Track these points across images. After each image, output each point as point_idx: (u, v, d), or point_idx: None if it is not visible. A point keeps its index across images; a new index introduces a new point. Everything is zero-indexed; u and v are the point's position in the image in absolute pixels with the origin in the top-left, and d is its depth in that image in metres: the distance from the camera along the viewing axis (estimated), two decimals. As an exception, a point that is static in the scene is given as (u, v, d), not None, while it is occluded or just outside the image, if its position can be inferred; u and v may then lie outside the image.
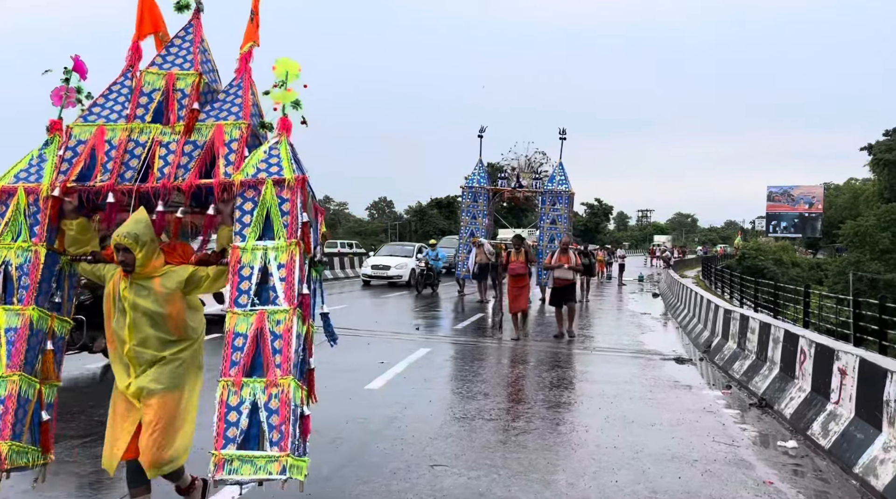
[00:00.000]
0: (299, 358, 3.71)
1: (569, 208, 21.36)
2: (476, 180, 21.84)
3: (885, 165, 63.15)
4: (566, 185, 21.12)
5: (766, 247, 55.95)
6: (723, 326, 11.14)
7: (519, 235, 13.11)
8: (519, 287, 12.54)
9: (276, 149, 3.83)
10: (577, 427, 6.68)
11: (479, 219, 21.39)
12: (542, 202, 21.27)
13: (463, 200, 22.24)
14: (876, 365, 5.60)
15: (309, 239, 3.78)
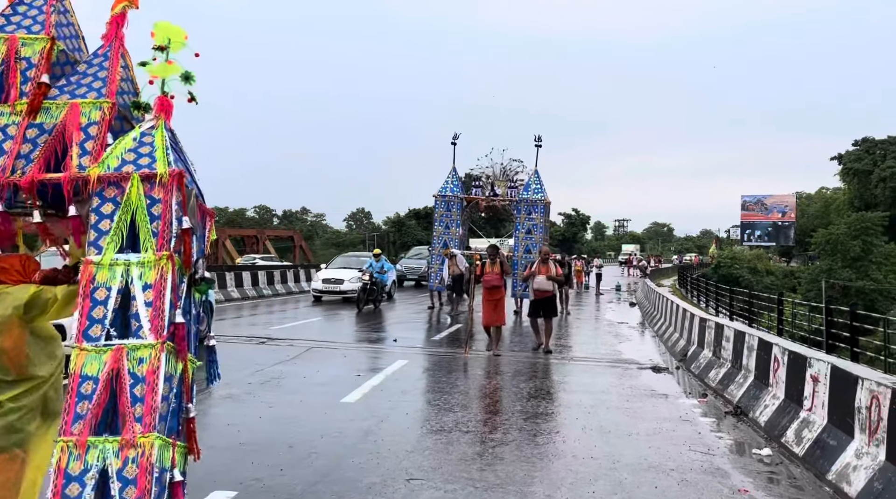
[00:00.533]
0: (170, 407, 2.89)
1: (545, 218, 20.49)
2: (449, 189, 20.99)
3: (855, 175, 64.50)
4: (542, 193, 20.24)
5: (741, 255, 56.69)
6: (698, 335, 11.22)
7: (493, 245, 12.36)
8: (494, 300, 11.86)
9: (150, 136, 3.08)
10: (554, 438, 6.66)
11: (453, 229, 20.61)
12: (517, 211, 20.39)
13: (436, 209, 21.18)
14: (847, 372, 5.66)
15: (190, 251, 3.04)
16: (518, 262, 19.48)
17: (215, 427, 6.54)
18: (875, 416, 5.07)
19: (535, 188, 20.22)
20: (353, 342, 13.04)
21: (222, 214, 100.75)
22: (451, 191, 20.89)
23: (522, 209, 20.18)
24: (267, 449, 5.93)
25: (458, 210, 20.79)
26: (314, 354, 11.39)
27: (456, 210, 20.78)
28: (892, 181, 60.40)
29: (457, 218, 20.78)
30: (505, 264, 12.21)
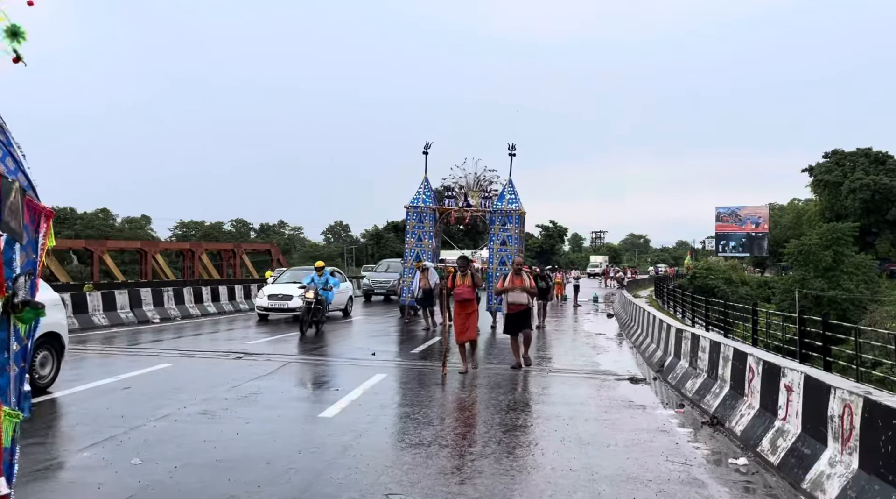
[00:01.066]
0: None
1: (520, 229, 19.98)
2: (421, 200, 20.32)
3: (826, 186, 65.78)
4: (516, 203, 19.72)
5: (717, 266, 57.35)
6: (675, 346, 11.32)
7: (464, 256, 11.73)
8: (466, 314, 11.20)
9: None
10: (533, 450, 6.67)
11: (426, 241, 20.03)
12: (492, 222, 19.87)
13: (408, 220, 20.52)
14: (820, 381, 5.75)
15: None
16: (493, 274, 18.90)
17: (191, 444, 6.46)
18: (847, 424, 5.15)
19: (509, 198, 19.71)
20: (330, 357, 12.96)
21: (199, 227, 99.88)
22: (423, 201, 20.26)
23: (496, 220, 19.66)
24: (244, 466, 5.86)
25: (430, 221, 20.18)
26: (291, 368, 11.30)
27: (428, 221, 20.16)
28: (862, 193, 61.70)
29: (429, 229, 20.22)
30: (476, 277, 11.57)
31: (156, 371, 10.56)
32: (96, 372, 10.40)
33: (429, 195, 20.34)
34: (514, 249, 19.31)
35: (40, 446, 6.22)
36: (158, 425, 7.17)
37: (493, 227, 19.76)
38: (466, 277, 11.32)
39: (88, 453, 6.09)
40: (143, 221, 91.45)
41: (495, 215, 19.66)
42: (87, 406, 7.99)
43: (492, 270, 19.34)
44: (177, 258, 56.70)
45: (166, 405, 8.07)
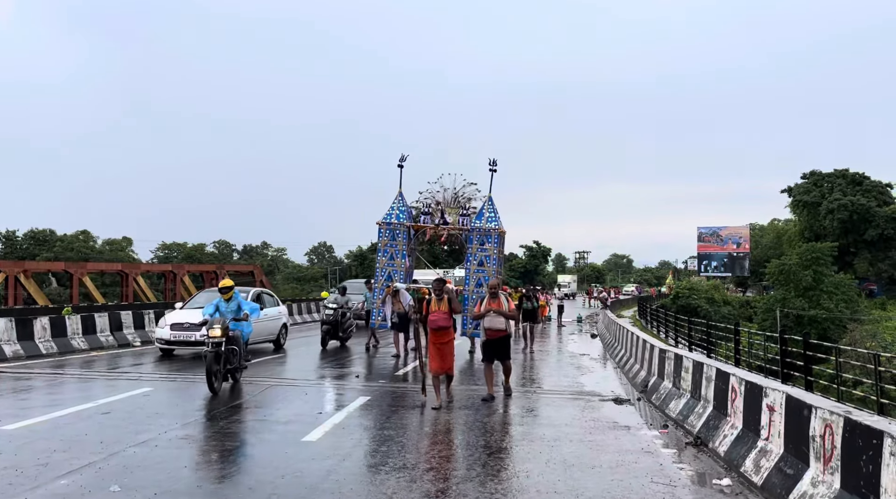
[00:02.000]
0: None
1: (499, 249, 18.39)
2: (394, 216, 18.61)
3: (804, 207, 66.71)
4: (496, 221, 18.20)
5: (699, 286, 57.72)
6: (658, 366, 11.36)
7: (440, 279, 10.46)
8: (442, 343, 10.10)
9: None
10: (518, 472, 6.64)
11: (398, 260, 18.28)
12: (469, 241, 18.14)
13: (379, 237, 18.66)
14: (801, 401, 5.79)
15: None
16: (469, 297, 17.44)
17: (172, 470, 6.36)
18: (829, 444, 5.19)
19: (488, 216, 18.29)
20: (314, 379, 12.86)
21: (181, 249, 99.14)
22: (396, 218, 18.63)
23: (474, 239, 18.09)
24: (226, 491, 5.78)
25: (403, 239, 18.52)
26: (274, 392, 11.19)
27: (402, 239, 18.49)
28: (840, 213, 62.63)
29: (402, 248, 18.48)
30: (454, 302, 10.32)
31: (136, 395, 10.42)
32: (75, 397, 10.25)
33: (403, 211, 18.79)
34: (492, 270, 17.86)
35: (14, 473, 6.09)
36: (138, 450, 7.06)
37: (470, 246, 18.16)
38: (443, 302, 10.13)
39: (66, 480, 5.98)
40: (125, 243, 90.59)
41: (473, 234, 18.15)
42: (65, 432, 7.86)
43: (467, 292, 17.76)
44: (158, 280, 56.17)
45: (146, 430, 7.96)
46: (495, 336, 10.64)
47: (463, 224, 18.55)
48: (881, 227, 61.67)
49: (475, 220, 18.33)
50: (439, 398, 9.95)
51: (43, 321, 16.55)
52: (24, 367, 13.69)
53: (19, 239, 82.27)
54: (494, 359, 10.78)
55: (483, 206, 18.40)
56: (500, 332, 10.61)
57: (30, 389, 11.16)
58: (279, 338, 18.08)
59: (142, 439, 7.50)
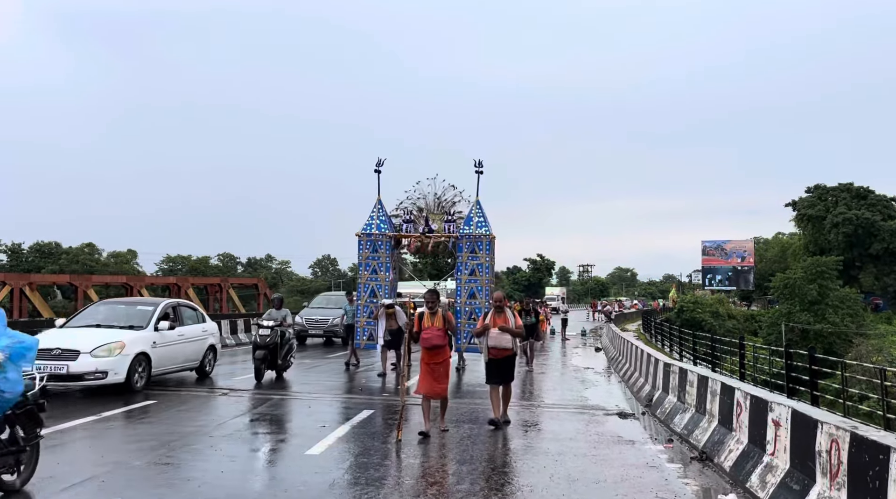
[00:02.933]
0: None
1: (491, 256, 16.98)
2: (375, 226, 17.07)
3: (809, 220, 66.60)
4: (486, 227, 16.78)
5: (703, 300, 57.57)
6: (663, 380, 11.32)
7: (433, 291, 9.41)
8: (435, 364, 8.92)
9: None
10: (521, 487, 6.60)
11: (381, 273, 16.83)
12: (459, 249, 16.73)
13: (360, 250, 17.07)
14: (807, 416, 5.76)
15: None
16: (461, 310, 16.27)
17: (177, 483, 6.35)
18: (835, 459, 5.16)
19: (477, 221, 16.88)
20: (317, 392, 12.83)
21: (185, 262, 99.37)
22: (377, 228, 17.09)
23: (464, 247, 16.64)
24: (228, 505, 5.76)
25: (386, 251, 16.98)
26: (278, 405, 11.18)
27: (384, 251, 16.96)
28: (845, 227, 62.48)
29: (386, 260, 16.93)
30: (450, 318, 9.23)
31: (140, 408, 10.41)
32: (80, 410, 10.24)
33: (384, 220, 17.16)
34: (484, 279, 16.53)
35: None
36: (142, 463, 7.05)
37: (460, 255, 16.73)
38: (436, 317, 9.01)
39: (68, 494, 5.96)
40: (130, 256, 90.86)
41: (462, 241, 16.67)
42: (69, 445, 7.85)
43: (459, 304, 16.51)
44: (163, 293, 56.33)
45: (150, 443, 7.95)
46: (501, 356, 9.54)
47: (449, 231, 17.01)
48: (886, 241, 61.47)
49: (463, 225, 16.86)
50: (428, 423, 8.80)
51: (47, 334, 16.48)
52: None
53: (25, 252, 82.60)
54: (500, 380, 9.71)
55: (471, 211, 16.95)
56: (507, 350, 9.54)
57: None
58: (204, 364, 14.24)
59: (146, 452, 7.48)
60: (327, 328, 23.00)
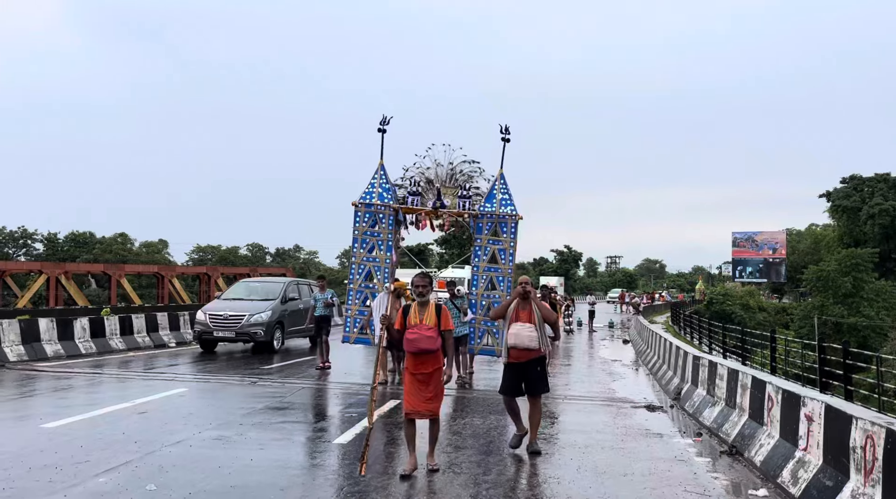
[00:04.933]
0: None
1: (514, 240, 13.88)
2: (376, 195, 13.70)
3: (844, 212, 65.29)
4: (511, 205, 13.72)
5: (734, 292, 56.87)
6: (692, 373, 11.20)
7: (425, 273, 7.22)
8: (425, 374, 6.65)
9: None
10: (548, 479, 6.60)
11: (381, 253, 13.42)
12: (478, 230, 13.66)
13: (356, 223, 13.57)
14: (841, 411, 5.66)
15: None
16: (477, 302, 13.30)
17: (206, 470, 6.45)
18: (870, 456, 5.06)
19: (501, 199, 13.86)
20: (346, 381, 12.93)
21: (215, 251, 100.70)
22: (379, 197, 13.75)
23: (485, 228, 13.63)
24: (258, 492, 5.84)
25: (389, 226, 13.59)
26: (306, 393, 11.29)
27: (386, 226, 13.59)
28: (881, 218, 61.13)
29: (387, 238, 13.57)
30: (445, 315, 6.85)
31: (171, 396, 10.59)
32: (112, 397, 10.46)
33: (387, 189, 13.88)
34: (507, 267, 13.62)
35: (54, 470, 6.24)
36: (173, 450, 7.18)
37: (479, 237, 13.66)
38: (427, 312, 6.74)
39: (104, 478, 6.10)
40: (161, 246, 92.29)
41: (483, 221, 13.61)
42: (102, 431, 8.03)
43: (475, 296, 13.45)
44: (193, 282, 57.14)
45: (181, 431, 8.09)
46: (524, 358, 7.44)
47: (463, 208, 13.96)
48: (924, 232, 60.06)
49: (485, 203, 13.86)
50: (413, 458, 6.61)
51: (83, 322, 16.92)
52: (64, 366, 14.02)
53: (60, 241, 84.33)
54: (520, 392, 7.60)
55: (493, 185, 13.91)
56: (533, 352, 7.45)
57: (70, 388, 11.42)
58: None
59: (176, 439, 7.62)
60: (241, 329, 17.06)
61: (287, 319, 18.07)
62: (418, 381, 6.67)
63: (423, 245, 69.96)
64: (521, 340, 7.43)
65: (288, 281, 19.48)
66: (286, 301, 18.14)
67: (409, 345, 6.65)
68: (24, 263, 59.80)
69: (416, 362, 6.66)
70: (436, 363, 6.73)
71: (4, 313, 25.47)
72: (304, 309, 18.61)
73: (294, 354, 17.29)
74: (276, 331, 17.55)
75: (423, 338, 6.59)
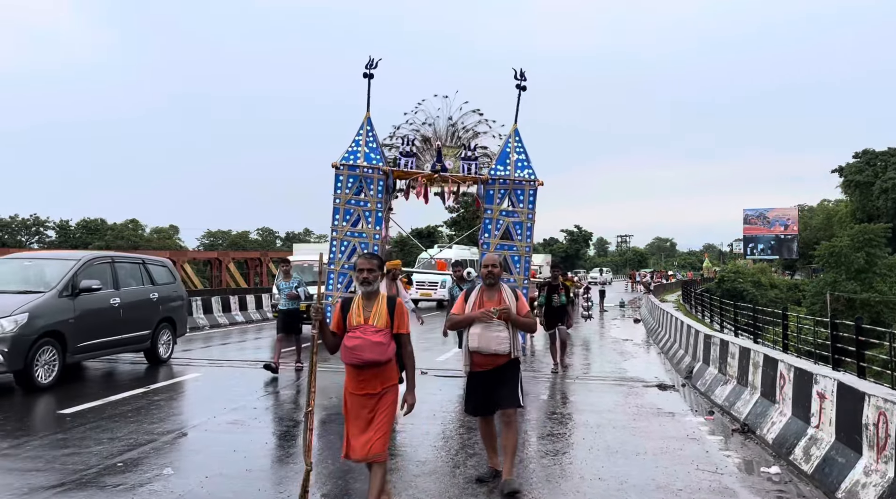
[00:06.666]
0: None
1: (533, 212, 10.85)
2: (361, 155, 10.95)
3: (857, 187, 64.66)
4: (528, 168, 10.90)
5: (745, 269, 56.63)
6: (703, 351, 11.20)
7: (370, 254, 6.02)
8: (368, 394, 4.77)
9: None
10: (560, 459, 6.64)
11: (368, 227, 10.66)
12: (488, 199, 10.77)
13: (337, 190, 10.73)
14: (853, 388, 5.65)
15: None
16: None
17: (222, 454, 6.53)
18: (882, 432, 5.06)
19: (517, 160, 11.02)
20: (357, 364, 12.98)
21: (225, 236, 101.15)
22: (365, 158, 10.97)
23: (496, 195, 10.82)
24: (274, 476, 5.91)
25: (378, 194, 10.77)
26: (323, 377, 11.33)
27: (373, 194, 10.78)
28: (894, 193, 60.51)
29: (375, 208, 10.80)
30: (401, 314, 4.90)
31: (185, 381, 10.70)
32: (126, 383, 10.57)
33: (374, 149, 11.08)
34: (524, 246, 10.83)
35: (76, 456, 6.33)
36: (189, 434, 7.27)
37: (489, 207, 10.77)
38: (376, 307, 4.84)
39: (120, 463, 6.19)
40: (172, 231, 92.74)
41: (494, 187, 10.80)
42: (117, 416, 8.12)
43: None
44: (204, 267, 57.53)
45: (196, 415, 8.18)
46: (491, 364, 5.65)
47: (467, 171, 11.09)
48: (938, 206, 59.45)
49: (497, 164, 10.99)
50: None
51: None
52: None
53: (72, 228, 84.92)
54: (491, 408, 5.82)
55: (507, 143, 11.09)
56: (501, 357, 5.63)
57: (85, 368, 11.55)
58: None
59: (192, 424, 7.71)
60: None
61: (76, 327, 10.16)
62: (360, 405, 4.70)
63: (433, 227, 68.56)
64: (487, 343, 5.59)
65: (85, 258, 11.06)
66: (75, 294, 10.26)
67: (347, 355, 4.69)
68: (36, 250, 60.25)
69: (359, 379, 4.71)
70: (386, 381, 4.74)
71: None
72: (123, 306, 11.28)
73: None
74: (39, 352, 9.50)
75: (368, 344, 4.65)
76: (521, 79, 10.97)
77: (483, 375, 5.72)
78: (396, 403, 4.81)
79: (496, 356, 5.64)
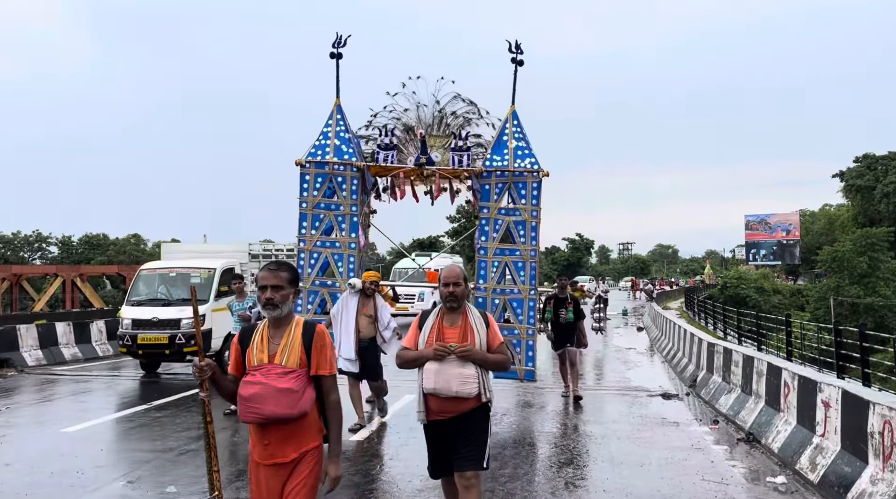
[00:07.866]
0: None
1: (538, 208, 9.33)
2: (332, 149, 9.38)
3: (858, 191, 64.59)
4: (530, 156, 9.36)
5: (748, 275, 56.48)
6: (707, 360, 11.16)
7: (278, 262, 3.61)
8: (278, 464, 3.33)
9: None
10: (565, 470, 6.60)
11: (342, 235, 9.40)
12: (483, 195, 9.36)
13: (303, 192, 9.35)
14: (858, 397, 5.62)
15: None
16: (488, 303, 9.28)
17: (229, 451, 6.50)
18: (888, 441, 5.03)
19: (516, 148, 9.40)
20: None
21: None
22: (336, 153, 9.39)
23: (493, 190, 9.31)
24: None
25: (352, 195, 9.37)
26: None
27: (346, 195, 9.35)
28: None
29: (349, 211, 9.34)
30: (321, 348, 3.43)
31: (187, 397, 10.68)
32: (135, 399, 10.56)
33: (346, 140, 9.51)
34: (528, 250, 9.27)
35: (76, 474, 6.31)
36: (193, 451, 7.24)
37: (485, 205, 9.34)
38: (287, 339, 3.41)
39: (124, 481, 6.17)
40: (173, 246, 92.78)
41: (489, 181, 9.31)
42: (126, 432, 8.11)
43: (485, 292, 9.36)
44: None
45: (200, 429, 8.15)
46: (452, 412, 4.21)
47: (458, 164, 9.49)
48: (940, 210, 59.33)
49: (492, 153, 9.43)
50: None
51: (99, 325, 17.09)
52: (82, 369, 14.16)
53: (75, 244, 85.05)
54: (446, 468, 4.36)
55: (504, 128, 9.52)
56: (464, 402, 4.19)
57: (88, 391, 11.53)
58: None
59: (196, 436, 7.69)
60: None
61: None
62: (267, 480, 3.36)
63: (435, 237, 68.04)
64: (446, 383, 4.16)
65: None
66: None
67: (242, 408, 3.35)
68: (39, 266, 60.36)
69: (263, 443, 3.36)
70: (301, 444, 3.36)
71: (22, 318, 25.69)
72: None
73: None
74: None
75: (271, 393, 3.29)
76: (517, 51, 9.64)
77: (441, 425, 4.23)
78: (318, 475, 3.38)
79: (458, 401, 4.15)
